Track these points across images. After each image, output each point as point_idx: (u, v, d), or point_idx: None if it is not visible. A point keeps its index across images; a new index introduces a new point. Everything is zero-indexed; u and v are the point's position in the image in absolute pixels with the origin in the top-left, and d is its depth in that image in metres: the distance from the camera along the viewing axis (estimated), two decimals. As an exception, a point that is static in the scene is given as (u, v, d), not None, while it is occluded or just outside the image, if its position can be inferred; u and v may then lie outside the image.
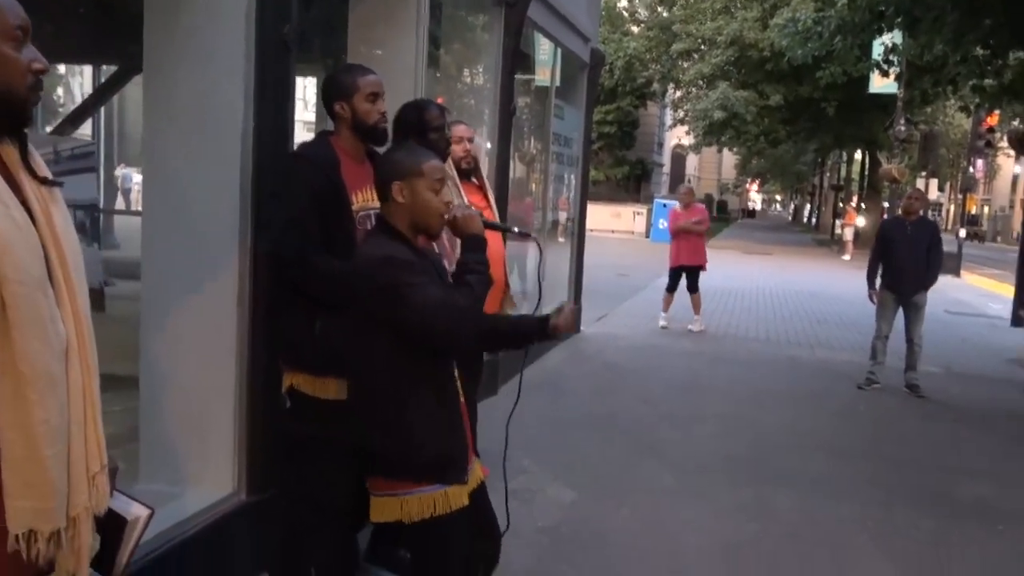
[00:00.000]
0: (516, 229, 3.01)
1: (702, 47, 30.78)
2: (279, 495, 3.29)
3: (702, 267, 10.65)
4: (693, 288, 10.64)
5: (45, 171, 1.59)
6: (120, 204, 15.87)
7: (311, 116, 10.22)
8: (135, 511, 1.76)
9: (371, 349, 2.50)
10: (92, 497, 1.58)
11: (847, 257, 26.40)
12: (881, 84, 22.77)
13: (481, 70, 7.51)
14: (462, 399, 2.69)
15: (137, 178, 15.15)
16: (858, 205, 33.74)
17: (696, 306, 10.75)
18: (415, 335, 2.43)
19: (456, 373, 2.66)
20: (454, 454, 2.59)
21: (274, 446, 3.35)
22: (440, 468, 2.54)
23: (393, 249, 2.46)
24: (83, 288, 1.59)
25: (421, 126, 3.50)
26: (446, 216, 2.58)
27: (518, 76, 7.02)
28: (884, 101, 25.38)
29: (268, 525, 3.27)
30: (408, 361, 2.48)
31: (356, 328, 2.54)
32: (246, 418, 3.38)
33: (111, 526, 1.71)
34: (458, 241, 2.72)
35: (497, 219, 4.64)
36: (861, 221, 29.53)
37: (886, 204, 31.75)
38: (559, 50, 8.36)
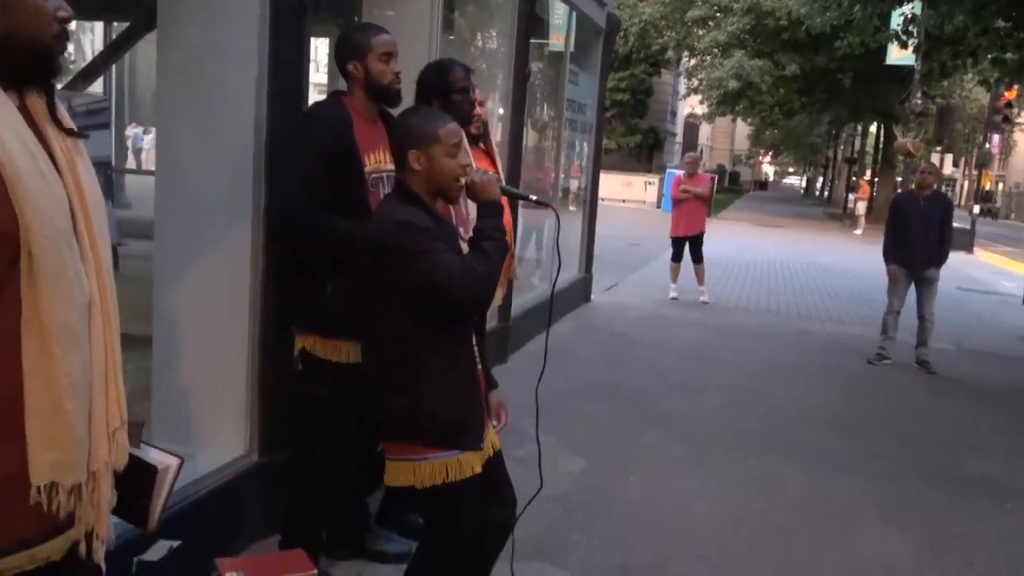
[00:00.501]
0: (533, 197, 2.97)
1: (718, 14, 30.38)
2: (291, 457, 3.30)
3: (702, 234, 10.58)
4: (697, 258, 10.59)
5: (70, 123, 1.56)
6: (131, 164, 15.83)
7: (323, 78, 10.15)
8: (165, 460, 1.76)
9: (384, 313, 2.48)
10: (112, 452, 1.59)
11: (859, 231, 26.27)
12: (899, 55, 22.51)
13: (495, 34, 7.43)
14: (479, 366, 2.66)
15: (148, 137, 15.11)
16: (871, 179, 33.49)
17: (700, 277, 10.72)
18: (430, 301, 2.41)
19: (473, 340, 2.64)
20: (468, 420, 2.57)
21: (286, 408, 3.34)
22: (454, 434, 2.53)
23: (410, 214, 2.43)
24: (106, 243, 1.57)
25: (444, 87, 3.43)
26: (464, 180, 2.54)
27: (532, 40, 6.94)
28: (901, 73, 25.09)
29: (279, 487, 3.28)
30: (422, 326, 2.46)
31: (370, 292, 2.52)
32: (258, 380, 3.37)
33: (142, 477, 1.73)
34: (474, 206, 2.68)
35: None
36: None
37: (899, 178, 31.50)
38: (574, 14, 8.26)
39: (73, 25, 1.55)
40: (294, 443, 3.25)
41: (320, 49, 9.60)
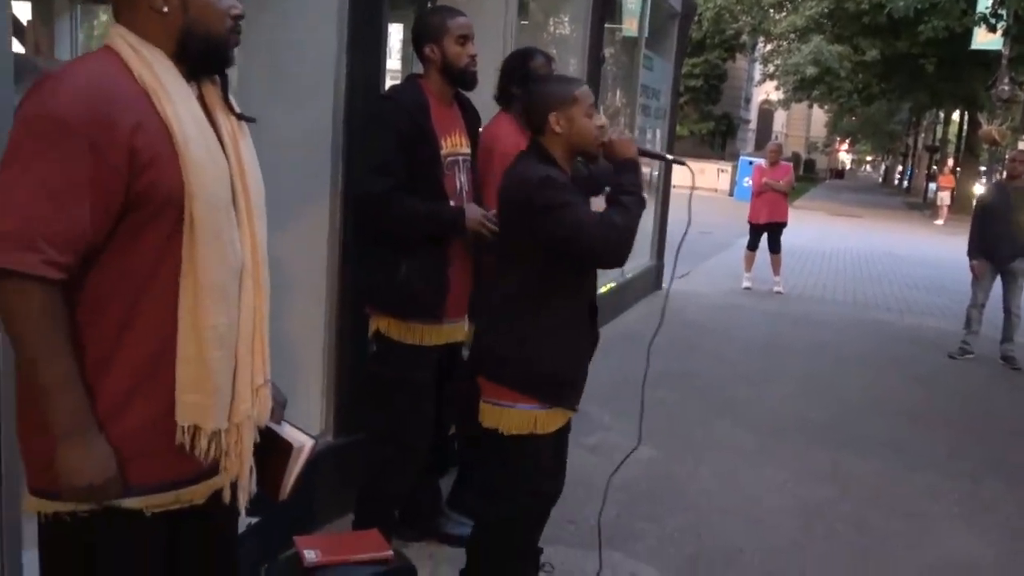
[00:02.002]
0: (669, 156, 3.04)
1: (796, -2, 29.74)
2: (365, 438, 3.33)
3: (784, 224, 10.39)
4: (775, 248, 10.39)
5: (238, 109, 1.77)
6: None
7: (396, 64, 10.21)
8: (301, 439, 1.88)
9: (516, 264, 2.61)
10: (255, 406, 1.75)
11: (939, 222, 25.51)
12: (985, 40, 21.67)
13: (568, 19, 7.37)
14: (597, 336, 2.81)
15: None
16: (954, 168, 32.46)
17: (776, 266, 10.51)
18: (570, 251, 2.52)
19: (591, 305, 2.74)
20: (571, 378, 2.69)
21: (361, 389, 3.38)
22: (554, 388, 2.64)
23: (549, 171, 2.54)
24: (262, 218, 1.78)
25: (523, 73, 3.44)
26: (602, 139, 2.63)
27: (606, 25, 6.87)
28: (987, 58, 24.18)
29: (354, 467, 3.32)
30: (550, 281, 2.58)
31: (508, 242, 2.65)
32: (334, 360, 3.42)
33: (279, 452, 1.85)
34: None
35: None
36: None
37: (983, 168, 30.53)
38: (649, -2, 8.16)
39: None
40: (368, 424, 3.29)
41: (394, 35, 9.66)
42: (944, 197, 27.24)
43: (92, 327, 1.58)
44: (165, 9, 1.61)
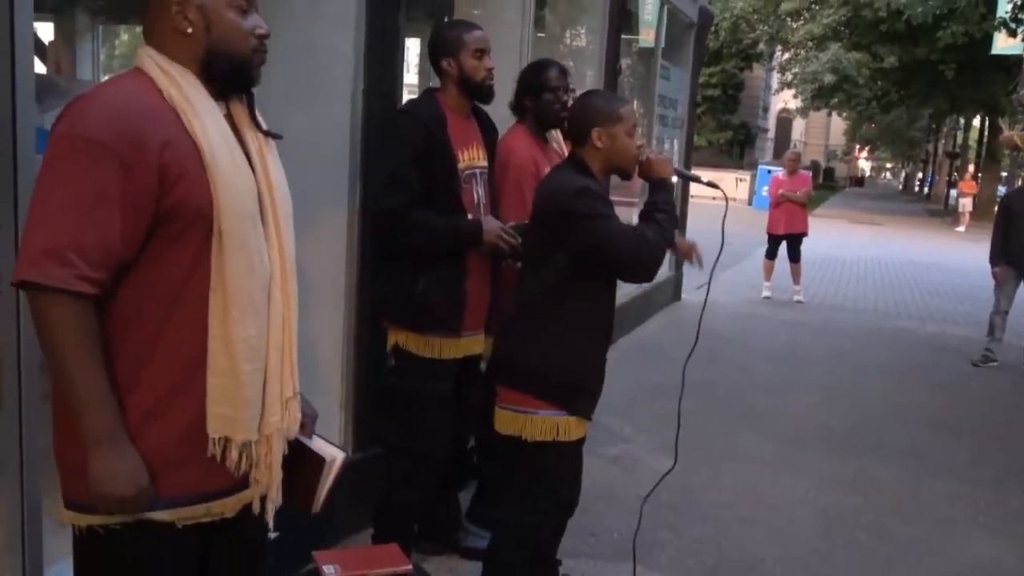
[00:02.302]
0: (705, 180, 3.07)
1: (813, 6, 29.59)
2: (383, 452, 3.34)
3: (804, 234, 10.34)
4: (795, 257, 10.35)
5: (265, 125, 1.81)
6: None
7: (413, 79, 10.26)
8: (332, 452, 1.91)
9: (545, 271, 2.64)
10: (284, 420, 1.77)
11: (961, 228, 25.30)
12: (1005, 44, 21.54)
13: (584, 31, 7.40)
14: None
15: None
16: (975, 174, 32.21)
17: (796, 276, 10.46)
18: (600, 260, 2.57)
19: (613, 316, 2.80)
20: (591, 387, 2.73)
21: (380, 403, 3.39)
22: (574, 396, 2.67)
23: (587, 182, 2.60)
24: (290, 231, 1.80)
25: (538, 85, 3.46)
26: (640, 159, 2.69)
27: (623, 36, 6.89)
28: (1007, 63, 24.01)
29: (373, 482, 3.33)
30: (576, 289, 2.62)
31: (533, 251, 2.71)
32: (353, 375, 3.43)
33: (312, 465, 1.88)
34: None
35: None
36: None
37: (1004, 173, 30.25)
38: (665, 8, 8.17)
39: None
40: (386, 437, 3.30)
41: (411, 50, 9.71)
42: (966, 203, 27.03)
43: (123, 341, 1.61)
44: (189, 30, 1.65)
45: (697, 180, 3.12)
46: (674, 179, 2.84)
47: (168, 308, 1.62)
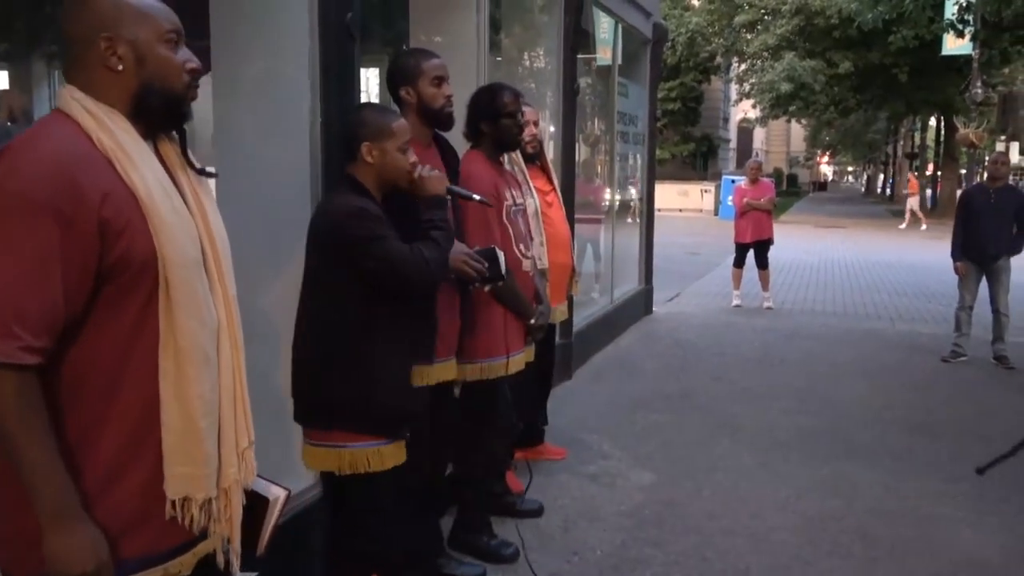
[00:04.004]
0: (477, 197, 3.00)
1: (766, 17, 30.09)
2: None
3: (770, 241, 10.44)
4: (763, 264, 10.44)
5: (198, 164, 1.73)
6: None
7: (375, 107, 10.27)
8: (274, 491, 1.88)
9: (332, 300, 2.59)
10: (242, 470, 1.72)
11: (903, 227, 25.53)
12: (955, 46, 22.05)
13: (542, 52, 7.45)
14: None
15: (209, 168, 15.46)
16: (934, 172, 32.68)
17: (765, 282, 10.56)
18: (383, 284, 2.53)
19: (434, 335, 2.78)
20: (406, 410, 2.69)
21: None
22: (392, 423, 2.64)
23: (362, 203, 2.55)
24: (230, 273, 1.74)
25: (493, 110, 3.48)
26: (413, 176, 2.64)
27: (580, 56, 6.94)
28: (958, 63, 24.53)
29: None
30: (369, 313, 2.56)
31: (316, 280, 2.63)
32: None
33: (253, 506, 1.83)
34: (527, 232, 2.73)
35: (562, 203, 4.60)
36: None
37: (963, 171, 30.73)
38: (620, 26, 8.25)
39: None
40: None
41: (371, 80, 9.73)
42: (912, 202, 27.17)
43: (74, 404, 1.53)
44: (120, 67, 1.57)
45: (470, 198, 3.01)
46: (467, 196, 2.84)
47: (118, 366, 1.55)
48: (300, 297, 2.70)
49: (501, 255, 3.15)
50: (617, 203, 8.88)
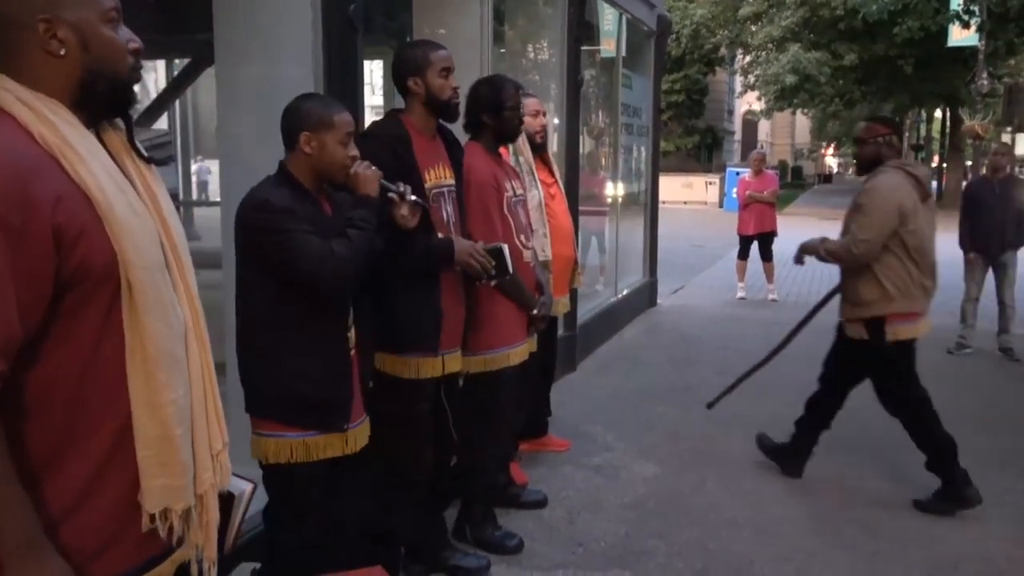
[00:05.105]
0: (412, 197, 2.82)
1: (771, 9, 29.96)
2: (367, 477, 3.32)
3: (774, 233, 10.43)
4: (767, 256, 10.42)
5: (144, 152, 1.60)
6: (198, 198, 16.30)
7: (379, 100, 10.27)
8: (240, 486, 1.81)
9: (253, 287, 2.52)
10: (217, 474, 1.62)
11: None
12: (960, 37, 21.92)
13: (545, 44, 7.44)
14: (351, 350, 2.65)
15: (214, 169, 15.50)
16: (940, 164, 32.59)
17: (769, 275, 10.53)
18: (289, 278, 2.44)
19: (350, 324, 2.64)
20: (330, 401, 2.57)
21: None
22: (312, 414, 2.54)
23: (273, 195, 2.46)
24: (191, 269, 1.61)
25: (496, 104, 3.48)
26: (350, 171, 2.55)
27: (584, 48, 6.94)
28: (964, 55, 24.44)
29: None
30: (286, 305, 2.49)
31: (237, 270, 2.56)
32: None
33: (220, 502, 1.75)
34: (528, 223, 2.70)
35: (564, 195, 4.60)
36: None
37: (969, 163, 30.63)
38: (624, 18, 8.24)
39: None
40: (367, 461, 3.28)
41: (375, 72, 9.72)
42: None
43: (37, 425, 1.41)
44: (63, 52, 1.43)
45: (402, 197, 2.81)
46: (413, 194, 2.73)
47: (81, 380, 1.43)
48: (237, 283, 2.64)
49: (507, 251, 3.16)
50: (621, 196, 8.87)
